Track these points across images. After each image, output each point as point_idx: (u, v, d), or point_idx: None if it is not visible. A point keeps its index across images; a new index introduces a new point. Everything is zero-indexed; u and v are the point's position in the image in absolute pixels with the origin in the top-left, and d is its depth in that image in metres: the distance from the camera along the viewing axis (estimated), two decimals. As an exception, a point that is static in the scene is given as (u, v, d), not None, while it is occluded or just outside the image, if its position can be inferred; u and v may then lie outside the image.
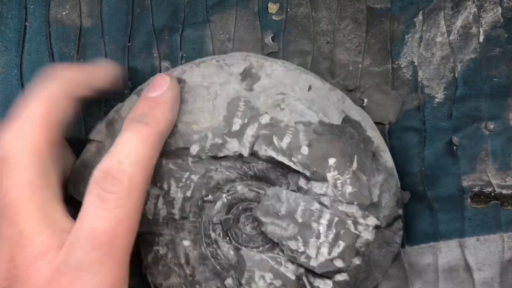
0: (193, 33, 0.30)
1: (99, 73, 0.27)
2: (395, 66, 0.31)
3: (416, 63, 0.31)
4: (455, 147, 0.31)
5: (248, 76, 0.27)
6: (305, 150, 0.26)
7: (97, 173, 0.23)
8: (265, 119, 0.27)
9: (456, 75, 0.31)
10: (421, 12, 0.31)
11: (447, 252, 0.30)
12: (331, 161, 0.27)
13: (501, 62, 0.30)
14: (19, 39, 0.29)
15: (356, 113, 0.28)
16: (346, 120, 0.28)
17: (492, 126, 0.31)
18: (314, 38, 0.31)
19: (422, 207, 0.31)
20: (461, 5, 0.30)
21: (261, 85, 0.27)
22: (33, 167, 0.22)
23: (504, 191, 0.31)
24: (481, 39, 0.30)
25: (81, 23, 0.29)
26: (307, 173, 0.27)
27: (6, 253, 0.22)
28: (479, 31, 0.30)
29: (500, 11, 0.30)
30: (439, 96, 0.31)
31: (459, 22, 0.30)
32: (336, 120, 0.27)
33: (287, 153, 0.27)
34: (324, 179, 0.26)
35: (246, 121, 0.27)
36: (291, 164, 0.27)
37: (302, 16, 0.31)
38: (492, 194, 0.31)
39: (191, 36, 0.30)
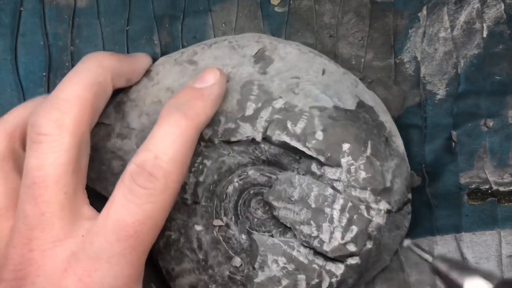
0: (194, 21, 0.30)
1: (139, 66, 0.27)
2: (397, 61, 0.31)
3: (419, 58, 0.31)
4: (453, 144, 0.31)
5: (261, 58, 0.27)
6: (319, 135, 0.26)
7: (132, 166, 0.22)
8: (279, 104, 0.26)
9: (459, 71, 0.30)
10: (425, 6, 0.30)
11: (443, 245, 0.31)
12: (345, 146, 0.26)
13: (504, 59, 0.30)
14: (14, 24, 0.28)
15: (369, 98, 0.28)
16: (360, 105, 0.27)
17: (491, 124, 0.31)
18: (317, 32, 0.30)
19: (421, 202, 0.31)
20: (464, 0, 0.30)
21: (275, 68, 0.27)
22: (71, 149, 0.22)
23: (501, 188, 0.31)
24: (484, 35, 0.30)
25: (75, 3, 0.29)
26: (321, 159, 0.26)
27: (24, 235, 0.21)
28: (482, 27, 0.30)
29: (503, 7, 0.30)
30: (441, 92, 0.31)
31: (462, 18, 0.30)
32: (350, 105, 0.27)
33: (302, 139, 0.26)
34: (338, 165, 0.26)
35: (260, 105, 0.26)
36: (305, 150, 0.26)
37: (305, 8, 0.30)
38: (489, 191, 0.31)
39: (192, 25, 0.30)
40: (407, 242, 0.24)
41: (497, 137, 0.31)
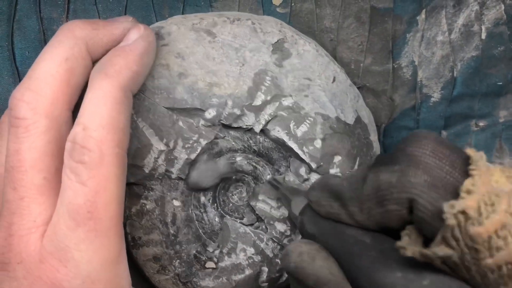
0: (193, 12, 0.29)
1: (120, 32, 0.24)
2: (395, 66, 0.31)
3: (416, 63, 0.31)
4: None
5: (279, 49, 0.27)
6: (318, 143, 0.27)
7: (67, 144, 0.21)
8: (287, 102, 0.27)
9: (455, 74, 0.31)
10: (424, 10, 0.31)
11: None
12: (336, 158, 0.27)
13: (501, 61, 0.31)
14: (11, 11, 0.28)
15: (365, 115, 0.29)
16: (357, 121, 0.28)
17: (481, 124, 0.31)
18: (318, 35, 0.31)
19: None
20: (463, 3, 0.30)
21: (291, 64, 0.27)
22: (48, 132, 0.21)
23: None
24: (483, 36, 0.31)
25: None
26: (313, 166, 0.27)
27: (6, 219, 0.21)
28: (481, 29, 0.30)
29: (503, 8, 0.30)
30: (436, 95, 0.31)
31: (460, 20, 0.30)
32: (350, 119, 0.28)
33: (300, 142, 0.27)
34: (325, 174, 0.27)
35: (269, 98, 0.26)
36: (300, 153, 0.27)
37: (306, 11, 0.30)
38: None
39: None
40: (268, 177, 0.27)
41: (483, 135, 0.31)
